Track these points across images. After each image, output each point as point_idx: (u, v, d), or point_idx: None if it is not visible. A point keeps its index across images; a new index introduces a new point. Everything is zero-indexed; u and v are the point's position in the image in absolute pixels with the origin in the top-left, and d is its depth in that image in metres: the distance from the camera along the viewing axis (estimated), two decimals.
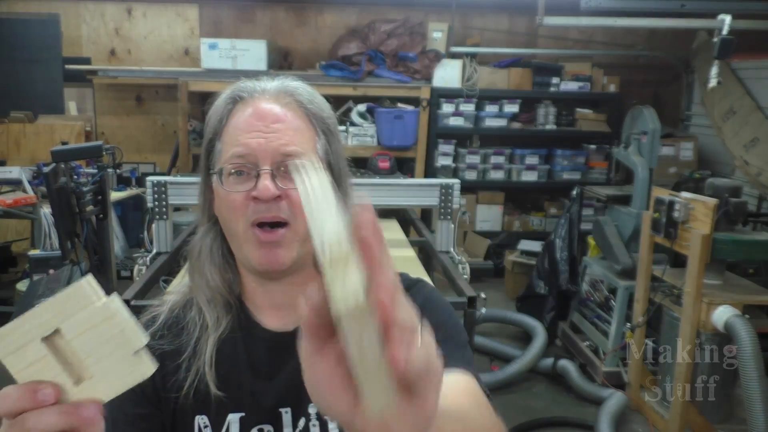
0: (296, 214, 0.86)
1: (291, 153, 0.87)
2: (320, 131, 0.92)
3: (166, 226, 2.92)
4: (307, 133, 0.90)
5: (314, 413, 0.92)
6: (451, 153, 5.55)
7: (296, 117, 0.90)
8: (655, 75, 6.09)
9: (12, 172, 4.53)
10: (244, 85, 0.93)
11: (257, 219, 0.87)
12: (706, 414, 3.13)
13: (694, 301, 2.93)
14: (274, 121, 0.88)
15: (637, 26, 5.22)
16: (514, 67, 5.57)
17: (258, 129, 0.87)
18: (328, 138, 0.93)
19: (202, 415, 0.91)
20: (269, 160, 0.87)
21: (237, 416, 0.91)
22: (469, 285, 2.54)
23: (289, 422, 0.91)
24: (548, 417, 3.41)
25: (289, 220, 0.87)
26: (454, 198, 3.05)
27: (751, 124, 4.75)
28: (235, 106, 0.92)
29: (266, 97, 0.91)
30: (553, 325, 4.30)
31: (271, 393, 0.92)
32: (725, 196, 3.07)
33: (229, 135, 0.90)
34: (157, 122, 5.94)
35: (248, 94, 0.92)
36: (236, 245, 0.91)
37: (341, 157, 0.95)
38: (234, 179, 0.88)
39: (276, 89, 0.92)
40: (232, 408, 0.91)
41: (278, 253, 0.87)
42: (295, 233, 0.87)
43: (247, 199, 0.87)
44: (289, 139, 0.88)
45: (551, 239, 4.47)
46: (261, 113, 0.89)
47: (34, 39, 5.66)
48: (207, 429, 0.91)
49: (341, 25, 5.86)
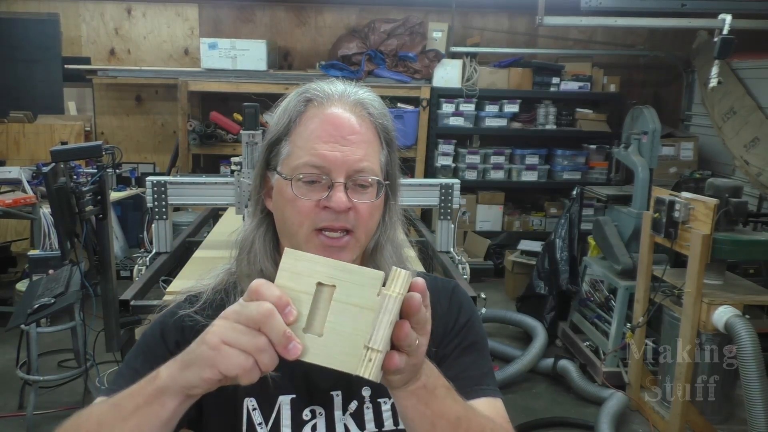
0: (359, 224, 0.91)
1: (363, 169, 0.91)
2: (384, 143, 0.96)
3: (165, 226, 2.92)
4: (375, 145, 0.94)
5: (368, 396, 0.96)
6: (451, 153, 5.55)
7: (368, 130, 0.93)
8: (655, 75, 6.08)
9: (11, 172, 4.53)
10: (319, 87, 0.94)
11: (324, 226, 0.90)
12: (706, 414, 3.13)
13: (695, 301, 2.93)
14: (350, 133, 0.90)
15: (637, 26, 5.22)
16: (514, 67, 5.57)
17: (335, 140, 0.90)
18: (389, 149, 0.97)
19: (250, 398, 0.95)
20: (344, 174, 0.89)
21: (288, 398, 0.94)
22: (469, 285, 2.54)
23: (340, 404, 0.95)
24: (548, 417, 3.40)
25: (353, 229, 0.91)
26: (454, 198, 3.05)
27: (752, 124, 4.75)
28: (308, 109, 0.93)
29: (342, 104, 0.93)
30: (554, 326, 4.30)
31: (324, 376, 0.93)
32: (725, 196, 3.07)
33: (304, 140, 0.91)
34: (156, 122, 5.94)
35: (323, 98, 0.93)
36: (293, 244, 0.92)
37: (397, 165, 1.00)
38: (305, 186, 0.90)
39: (353, 99, 0.94)
40: (284, 390, 0.94)
41: (341, 256, 0.90)
42: (356, 240, 0.92)
43: (317, 206, 0.90)
44: (363, 153, 0.91)
45: (551, 239, 4.46)
46: (338, 122, 0.91)
47: (34, 39, 5.66)
48: (256, 411, 0.95)
49: (341, 25, 5.86)
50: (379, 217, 0.96)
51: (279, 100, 0.98)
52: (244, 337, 0.67)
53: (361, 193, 0.91)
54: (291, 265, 0.70)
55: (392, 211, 1.00)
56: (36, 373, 3.16)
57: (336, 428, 0.94)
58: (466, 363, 0.98)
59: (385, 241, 0.99)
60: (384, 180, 0.94)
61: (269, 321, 0.66)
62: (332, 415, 0.94)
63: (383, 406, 0.96)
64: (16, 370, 3.28)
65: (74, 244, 2.71)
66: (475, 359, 1.00)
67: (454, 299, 1.04)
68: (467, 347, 1.00)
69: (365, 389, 0.96)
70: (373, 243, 0.98)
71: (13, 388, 3.45)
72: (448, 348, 0.99)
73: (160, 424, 0.73)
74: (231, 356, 0.67)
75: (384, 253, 0.99)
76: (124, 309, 2.37)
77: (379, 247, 0.98)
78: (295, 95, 0.95)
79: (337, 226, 0.90)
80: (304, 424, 0.94)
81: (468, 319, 1.02)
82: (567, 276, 4.29)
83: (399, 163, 1.01)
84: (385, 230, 0.99)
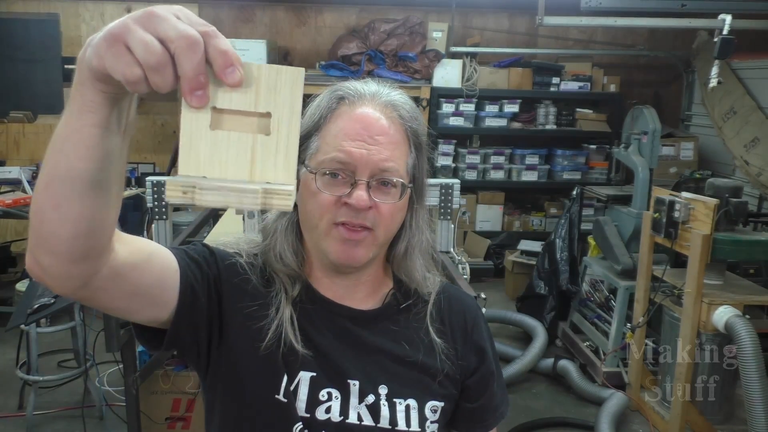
0: (379, 224, 0.92)
1: (388, 169, 0.91)
2: (413, 146, 0.97)
3: (165, 226, 2.92)
4: (403, 148, 0.95)
5: (384, 394, 0.96)
6: (451, 153, 5.55)
7: (397, 132, 0.94)
8: (655, 75, 6.08)
9: (11, 172, 4.54)
10: (352, 86, 0.96)
11: (344, 222, 0.91)
12: (707, 414, 3.13)
13: (695, 301, 2.93)
14: (378, 133, 0.92)
15: (637, 26, 5.21)
16: (514, 67, 5.57)
17: (362, 139, 0.91)
18: (418, 153, 0.98)
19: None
20: (368, 173, 0.91)
21: (308, 375, 0.94)
22: (469, 285, 2.53)
23: (357, 393, 0.95)
24: (548, 417, 3.40)
25: (372, 228, 0.92)
26: (454, 198, 3.05)
27: (752, 123, 4.75)
28: (339, 107, 0.95)
29: (373, 104, 0.94)
30: (554, 326, 4.30)
31: (346, 362, 0.96)
32: (726, 196, 3.06)
33: (332, 136, 0.93)
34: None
35: (356, 97, 0.95)
36: (313, 237, 0.95)
37: (425, 170, 1.00)
38: (329, 180, 0.91)
39: (384, 100, 0.95)
40: (306, 366, 0.94)
41: (357, 251, 0.93)
42: (375, 238, 0.93)
43: (339, 202, 0.91)
44: (389, 154, 0.92)
45: (551, 239, 4.46)
46: (367, 122, 0.92)
47: (34, 39, 5.66)
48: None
49: (341, 25, 5.86)
50: (402, 220, 0.97)
51: (311, 97, 0.98)
52: (146, 49, 0.57)
53: (384, 193, 0.92)
54: None
55: (418, 216, 1.01)
56: (36, 373, 3.16)
57: (350, 414, 0.94)
58: (492, 391, 1.07)
59: (414, 246, 1.00)
60: (409, 183, 0.95)
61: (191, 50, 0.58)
62: (348, 401, 0.95)
63: (398, 406, 0.96)
64: (16, 370, 3.28)
65: None
66: (496, 385, 1.08)
67: (477, 321, 1.09)
68: (489, 375, 1.06)
69: (382, 387, 0.96)
70: (403, 247, 1.00)
71: (13, 388, 3.45)
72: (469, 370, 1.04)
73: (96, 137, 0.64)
74: (121, 59, 0.58)
75: (413, 258, 1.01)
76: None
77: (408, 253, 1.01)
78: (328, 92, 0.97)
79: (356, 222, 0.91)
80: (319, 404, 0.94)
81: (483, 343, 1.07)
82: (567, 276, 4.29)
83: (428, 168, 1.01)
84: (413, 235, 1.00)
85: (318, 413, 0.93)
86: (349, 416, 0.94)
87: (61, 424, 3.23)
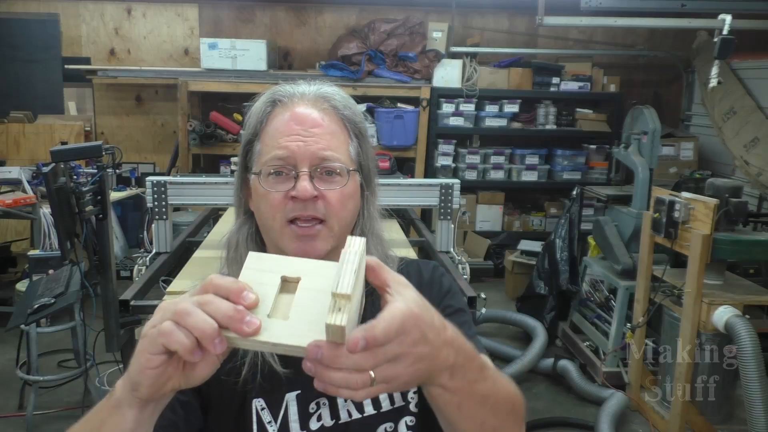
0: (331, 213, 0.93)
1: (327, 157, 0.93)
2: (353, 134, 0.99)
3: (165, 226, 2.92)
4: (341, 136, 0.97)
5: None
6: (451, 153, 5.55)
7: (332, 121, 0.96)
8: (655, 75, 6.08)
9: (11, 172, 4.53)
10: (283, 89, 0.99)
11: (295, 216, 0.93)
12: (706, 414, 3.13)
13: (695, 301, 2.93)
14: (312, 126, 0.94)
15: (637, 26, 5.22)
16: (514, 67, 5.57)
17: (297, 133, 0.93)
18: (359, 140, 1.00)
19: (258, 399, 0.96)
20: (308, 163, 0.93)
21: (294, 395, 0.96)
22: (469, 285, 2.54)
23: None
24: (548, 417, 3.41)
25: (324, 218, 0.93)
26: (454, 198, 3.05)
27: (752, 124, 4.75)
28: (274, 109, 0.97)
29: (304, 101, 0.97)
30: (554, 326, 4.30)
31: None
32: (725, 196, 3.07)
33: (270, 137, 0.95)
34: (156, 122, 5.94)
35: (287, 98, 0.97)
36: (272, 239, 0.97)
37: (371, 158, 1.02)
38: (273, 179, 0.94)
39: (314, 95, 0.98)
40: (290, 387, 0.95)
41: (315, 245, 0.93)
42: (329, 230, 0.94)
43: (286, 198, 0.93)
44: (326, 143, 0.94)
45: (551, 239, 4.46)
46: (300, 117, 0.94)
47: (34, 39, 5.66)
48: (264, 411, 0.96)
49: (341, 25, 5.86)
50: (354, 208, 0.98)
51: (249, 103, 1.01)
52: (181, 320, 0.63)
53: (329, 182, 0.93)
54: (255, 263, 0.69)
55: (370, 203, 1.01)
56: (36, 373, 3.16)
57: (340, 415, 0.96)
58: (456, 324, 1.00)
59: (368, 232, 1.00)
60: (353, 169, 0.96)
61: (210, 304, 0.63)
62: (335, 402, 0.96)
63: (383, 401, 0.97)
64: (16, 370, 3.29)
65: (74, 244, 2.70)
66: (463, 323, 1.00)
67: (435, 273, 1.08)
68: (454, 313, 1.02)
69: None
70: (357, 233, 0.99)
71: (13, 388, 3.45)
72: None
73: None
74: (169, 333, 0.63)
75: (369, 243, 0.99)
76: (124, 309, 2.37)
77: None
78: (263, 98, 0.99)
79: (306, 215, 0.92)
80: (311, 417, 0.96)
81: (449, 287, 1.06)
82: (567, 276, 4.29)
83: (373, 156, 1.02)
84: (366, 222, 1.00)
85: (312, 425, 0.95)
86: (341, 417, 0.96)
87: (61, 424, 3.23)
